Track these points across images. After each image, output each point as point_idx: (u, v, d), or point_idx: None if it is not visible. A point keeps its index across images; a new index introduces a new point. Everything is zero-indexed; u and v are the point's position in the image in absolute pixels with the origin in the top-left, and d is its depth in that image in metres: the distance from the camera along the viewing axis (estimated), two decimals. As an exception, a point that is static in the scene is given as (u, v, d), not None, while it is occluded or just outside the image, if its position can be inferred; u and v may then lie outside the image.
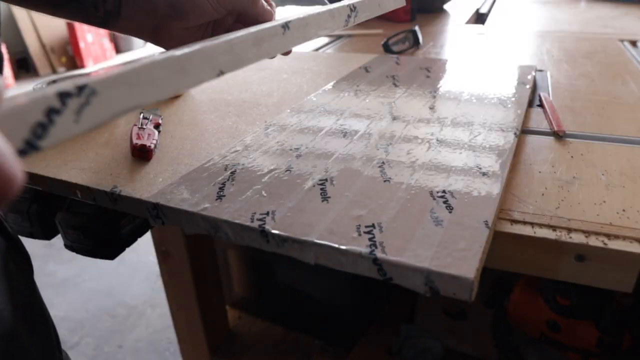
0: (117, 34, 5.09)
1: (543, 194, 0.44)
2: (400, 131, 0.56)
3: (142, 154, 0.53)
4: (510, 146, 0.51)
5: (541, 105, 0.67)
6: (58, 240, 0.63)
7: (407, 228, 0.37)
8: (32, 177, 0.53)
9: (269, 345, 1.18)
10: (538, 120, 0.62)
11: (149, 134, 0.57)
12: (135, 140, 0.55)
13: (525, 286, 0.72)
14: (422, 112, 0.62)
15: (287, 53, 0.45)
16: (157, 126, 0.62)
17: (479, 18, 1.61)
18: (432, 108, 0.64)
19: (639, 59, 0.92)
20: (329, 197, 0.42)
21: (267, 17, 0.47)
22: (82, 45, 4.65)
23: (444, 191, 0.42)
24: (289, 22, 0.37)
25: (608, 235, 0.38)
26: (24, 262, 0.49)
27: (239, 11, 0.46)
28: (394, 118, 0.60)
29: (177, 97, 0.76)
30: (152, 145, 0.55)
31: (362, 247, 0.35)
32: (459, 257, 0.33)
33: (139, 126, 0.59)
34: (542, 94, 0.70)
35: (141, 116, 0.63)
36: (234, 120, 0.64)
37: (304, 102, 0.68)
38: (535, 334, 0.70)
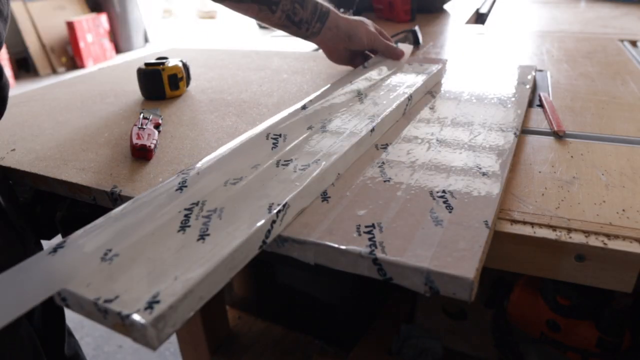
0: (117, 33, 5.10)
1: (543, 194, 0.44)
2: (400, 131, 0.56)
3: (142, 154, 0.53)
4: (510, 146, 0.51)
5: (541, 105, 0.67)
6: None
7: (407, 228, 0.37)
8: (32, 177, 0.53)
9: (269, 345, 1.18)
10: (538, 120, 0.62)
11: (149, 134, 0.57)
12: (135, 140, 0.55)
13: (525, 286, 0.72)
14: (422, 112, 0.62)
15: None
16: (157, 126, 0.62)
17: (479, 18, 1.61)
18: (432, 108, 0.64)
19: (639, 59, 0.92)
20: (329, 197, 0.42)
21: (392, 54, 0.78)
22: (82, 45, 4.65)
23: (444, 191, 0.42)
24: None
25: (608, 235, 0.38)
26: (13, 235, 0.53)
27: (373, 47, 0.78)
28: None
29: (177, 96, 0.76)
30: (152, 145, 0.55)
31: (362, 247, 0.35)
32: (459, 257, 0.33)
33: (139, 126, 0.59)
34: (542, 94, 0.70)
35: (141, 116, 0.63)
36: (234, 120, 0.64)
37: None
38: (535, 334, 0.70)
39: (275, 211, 0.37)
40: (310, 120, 0.55)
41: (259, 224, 0.35)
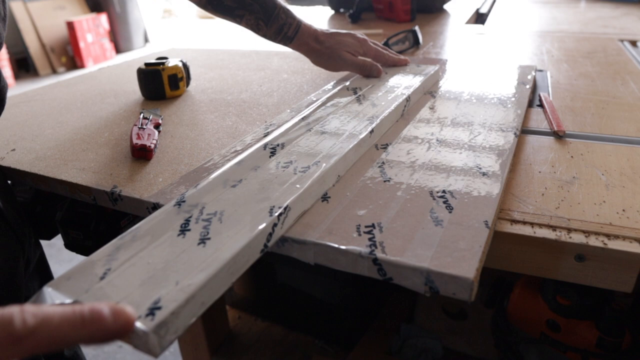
0: (117, 33, 5.10)
1: (543, 194, 0.44)
2: (400, 131, 0.56)
3: (142, 154, 0.53)
4: (510, 146, 0.51)
5: (541, 105, 0.67)
6: (58, 240, 0.63)
7: (407, 228, 0.37)
8: (32, 177, 0.53)
9: (269, 345, 1.18)
10: (538, 120, 0.62)
11: (149, 134, 0.57)
12: (135, 140, 0.55)
13: (525, 286, 0.72)
14: (422, 112, 0.62)
15: None
16: (157, 126, 0.62)
17: (479, 18, 1.61)
18: (432, 108, 0.64)
19: (639, 59, 0.92)
20: (329, 197, 0.42)
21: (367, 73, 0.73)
22: (82, 45, 4.65)
23: (444, 191, 0.42)
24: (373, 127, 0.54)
25: (608, 235, 0.38)
26: (11, 235, 0.53)
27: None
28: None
29: (177, 96, 0.76)
30: (152, 145, 0.55)
31: (362, 247, 0.35)
32: (459, 257, 0.33)
33: (139, 126, 0.59)
34: (542, 94, 0.70)
35: (141, 116, 0.63)
36: (234, 120, 0.64)
37: (304, 102, 0.68)
38: (535, 334, 0.70)
39: (276, 214, 0.36)
40: (309, 122, 0.55)
41: (260, 227, 0.35)
